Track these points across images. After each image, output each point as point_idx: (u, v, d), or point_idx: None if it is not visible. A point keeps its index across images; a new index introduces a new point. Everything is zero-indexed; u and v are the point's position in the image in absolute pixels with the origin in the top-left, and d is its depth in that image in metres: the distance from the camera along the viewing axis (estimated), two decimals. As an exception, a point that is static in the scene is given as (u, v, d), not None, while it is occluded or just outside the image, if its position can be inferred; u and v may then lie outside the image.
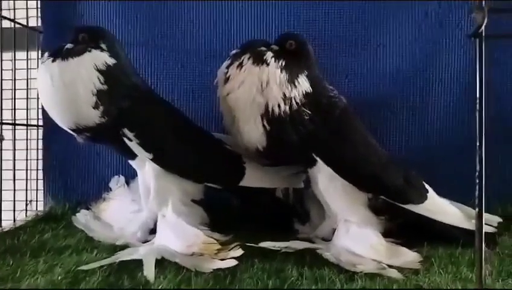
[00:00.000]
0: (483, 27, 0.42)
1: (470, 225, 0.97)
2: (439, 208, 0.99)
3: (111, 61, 0.97)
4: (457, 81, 1.23)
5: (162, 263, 0.86)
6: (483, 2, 0.43)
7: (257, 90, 0.93)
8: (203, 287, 0.77)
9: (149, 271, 0.82)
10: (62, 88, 0.93)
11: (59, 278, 0.79)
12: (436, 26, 1.23)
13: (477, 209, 0.43)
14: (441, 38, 1.23)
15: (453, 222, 0.98)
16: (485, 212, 0.95)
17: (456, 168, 1.19)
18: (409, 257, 0.89)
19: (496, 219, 1.02)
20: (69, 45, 0.97)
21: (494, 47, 1.18)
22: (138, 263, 0.85)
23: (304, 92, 0.96)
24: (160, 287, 0.76)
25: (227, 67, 0.97)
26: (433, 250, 0.94)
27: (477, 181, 0.43)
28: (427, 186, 1.00)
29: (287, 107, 0.94)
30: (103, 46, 0.97)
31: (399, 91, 1.24)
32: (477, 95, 0.42)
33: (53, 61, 0.94)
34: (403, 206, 0.97)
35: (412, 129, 1.24)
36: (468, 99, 1.21)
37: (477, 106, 0.42)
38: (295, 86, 0.95)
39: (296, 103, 0.94)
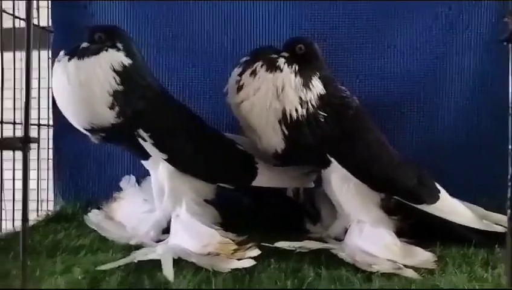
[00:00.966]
0: (517, 32, 0.43)
1: (481, 224, 0.99)
2: (451, 208, 1.00)
3: (127, 61, 0.97)
4: (467, 83, 1.24)
5: (178, 263, 0.86)
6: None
7: (273, 96, 0.94)
8: (222, 287, 0.77)
9: (168, 271, 0.82)
10: (78, 87, 0.93)
11: (79, 277, 0.79)
12: (446, 28, 1.24)
13: (509, 211, 0.44)
14: (451, 40, 1.24)
15: (464, 222, 0.99)
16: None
17: (466, 168, 1.20)
18: (423, 256, 0.90)
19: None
20: (85, 44, 0.96)
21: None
22: (155, 263, 0.85)
23: (319, 94, 0.97)
24: (180, 287, 0.76)
25: (240, 75, 0.98)
26: (446, 250, 0.95)
27: (510, 184, 0.43)
28: (438, 186, 1.01)
29: (304, 111, 0.95)
30: (119, 45, 0.97)
31: (409, 92, 1.25)
32: (510, 99, 0.42)
33: (69, 60, 0.94)
34: (415, 207, 0.98)
35: (422, 130, 1.25)
36: (477, 100, 1.23)
37: (510, 110, 0.42)
38: (310, 89, 0.96)
39: (312, 106, 0.96)
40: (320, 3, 1.25)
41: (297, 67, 0.96)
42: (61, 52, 0.97)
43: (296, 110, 0.94)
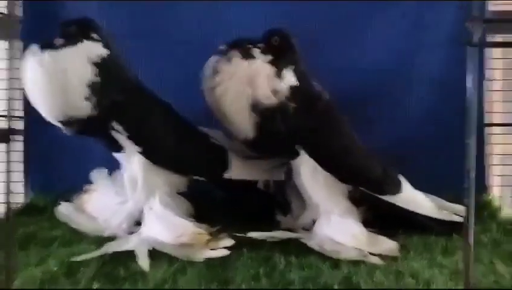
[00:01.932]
0: (477, 36, 0.47)
1: (441, 214, 1.05)
2: (413, 199, 1.05)
3: (104, 52, 0.97)
4: (434, 78, 1.28)
5: (153, 254, 0.88)
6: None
7: (246, 82, 0.97)
8: (197, 277, 0.79)
9: (143, 261, 0.84)
10: (54, 78, 0.92)
11: (54, 268, 0.80)
12: (413, 25, 1.28)
13: (467, 202, 0.48)
14: (418, 36, 1.28)
15: (426, 212, 1.04)
16: (457, 203, 1.04)
17: (429, 161, 1.26)
18: (387, 245, 0.95)
19: (463, 209, 1.09)
20: (59, 40, 0.96)
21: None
22: (129, 254, 0.87)
23: (291, 86, 0.99)
24: (157, 277, 0.78)
25: (217, 61, 1.00)
26: (409, 238, 1.00)
27: (467, 176, 0.47)
28: (402, 178, 1.06)
29: (275, 100, 0.97)
30: (95, 36, 0.97)
31: (378, 87, 1.28)
32: (467, 98, 0.46)
33: (44, 52, 0.93)
34: (380, 197, 1.03)
35: (391, 124, 1.29)
36: (442, 95, 1.28)
37: (467, 108, 0.46)
38: (282, 80, 0.99)
39: (283, 96, 0.98)
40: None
41: (271, 58, 0.99)
42: (34, 46, 0.95)
43: (267, 98, 0.97)
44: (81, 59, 0.94)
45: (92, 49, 0.96)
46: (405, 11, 1.29)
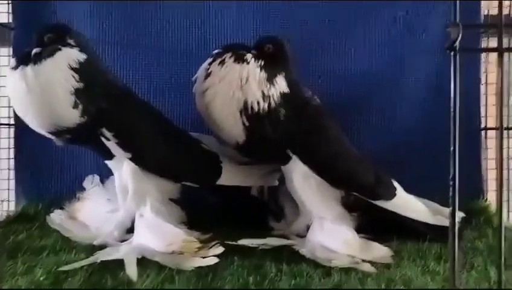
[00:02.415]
0: (457, 41, 0.46)
1: (435, 220, 1.03)
2: (407, 204, 1.04)
3: (82, 56, 0.96)
4: (423, 84, 1.28)
5: (142, 262, 0.86)
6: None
7: (237, 86, 0.97)
8: (186, 285, 0.78)
9: (131, 270, 0.83)
10: (39, 92, 0.91)
11: (41, 278, 0.79)
12: (404, 31, 1.28)
13: (451, 208, 0.47)
14: (409, 42, 1.28)
15: (419, 218, 1.03)
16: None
17: (422, 166, 1.25)
18: (380, 251, 0.94)
19: (460, 215, 1.08)
20: (37, 49, 0.94)
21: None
22: (119, 263, 0.86)
23: (282, 92, 0.99)
24: (144, 286, 0.77)
25: (209, 64, 1.00)
26: (402, 245, 0.99)
27: (451, 183, 0.47)
28: (395, 183, 1.05)
29: (266, 105, 0.97)
30: (71, 42, 0.97)
31: (369, 93, 1.28)
32: (452, 104, 0.45)
33: (25, 66, 0.92)
34: (373, 203, 1.02)
35: (380, 129, 1.29)
36: (434, 101, 1.27)
37: (452, 114, 0.46)
38: (273, 85, 0.99)
39: (274, 101, 0.98)
40: (284, 6, 1.27)
41: (263, 63, 0.99)
42: (13, 60, 0.95)
43: (258, 103, 0.97)
44: (62, 68, 0.93)
45: (71, 56, 0.95)
46: (395, 16, 1.28)
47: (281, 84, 1.00)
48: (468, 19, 1.19)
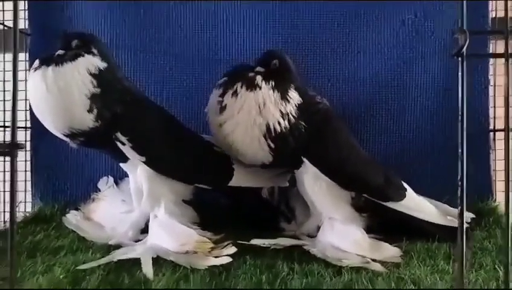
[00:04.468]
0: (465, 47, 0.48)
1: (445, 221, 1.05)
2: (416, 205, 1.05)
3: (103, 65, 0.99)
4: (432, 86, 1.29)
5: (157, 261, 0.89)
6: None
7: (256, 112, 0.97)
8: (200, 284, 0.80)
9: (147, 269, 0.85)
10: (57, 94, 0.94)
11: (60, 277, 0.81)
12: (412, 33, 1.29)
13: (459, 209, 0.48)
14: (417, 45, 1.29)
15: (429, 218, 1.05)
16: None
17: (431, 168, 1.26)
18: (390, 251, 0.95)
19: (469, 215, 1.09)
20: (60, 51, 0.98)
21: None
22: (135, 262, 0.88)
23: (297, 104, 1.01)
24: (159, 285, 0.79)
25: (221, 96, 1.00)
26: (412, 245, 1.00)
27: (460, 184, 0.48)
28: (405, 184, 1.07)
29: (286, 122, 0.99)
30: (94, 51, 1.00)
31: (378, 95, 1.29)
32: (460, 107, 0.47)
33: (47, 67, 0.95)
34: (383, 204, 1.03)
35: (390, 131, 1.29)
36: (443, 103, 1.28)
37: (460, 117, 0.47)
38: (288, 101, 1.00)
39: (293, 116, 0.99)
40: (294, 9, 1.28)
41: (274, 83, 1.00)
42: (37, 61, 0.98)
43: (279, 123, 0.98)
44: (81, 73, 0.96)
45: (92, 62, 0.98)
46: (404, 19, 1.29)
47: (294, 98, 1.01)
48: (477, 22, 1.21)
